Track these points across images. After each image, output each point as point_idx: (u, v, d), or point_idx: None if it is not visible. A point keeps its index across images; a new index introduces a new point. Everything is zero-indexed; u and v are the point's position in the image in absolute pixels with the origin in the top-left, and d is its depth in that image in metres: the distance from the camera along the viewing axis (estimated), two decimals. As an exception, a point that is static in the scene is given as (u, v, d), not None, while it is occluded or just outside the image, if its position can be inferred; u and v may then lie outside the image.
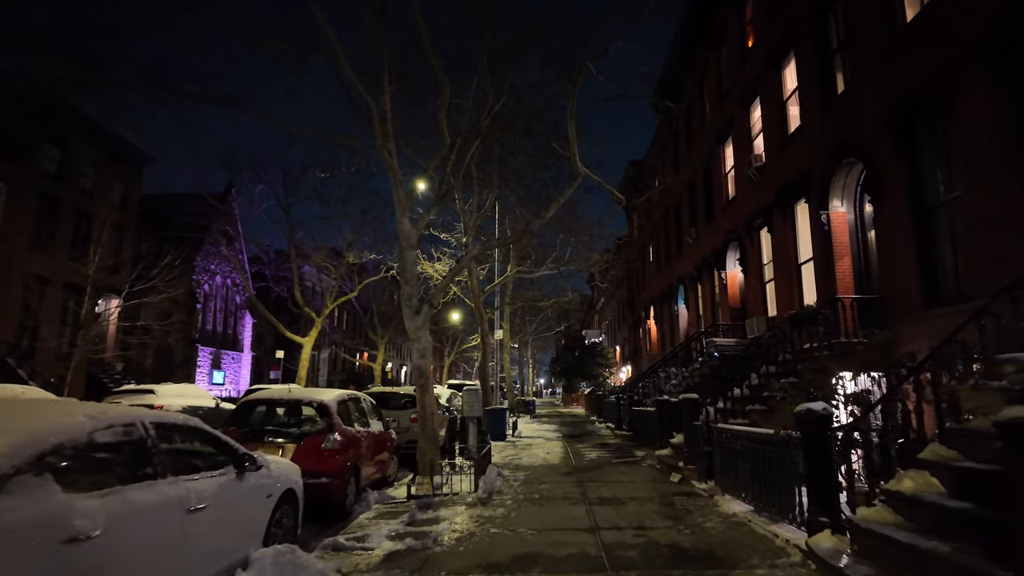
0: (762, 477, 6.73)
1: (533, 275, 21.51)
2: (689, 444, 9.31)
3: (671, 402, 11.75)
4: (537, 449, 14.11)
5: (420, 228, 10.60)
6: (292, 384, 26.11)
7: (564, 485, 9.05)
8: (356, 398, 8.84)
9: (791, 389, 9.04)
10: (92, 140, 25.97)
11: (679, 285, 24.16)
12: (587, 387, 38.61)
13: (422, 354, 9.81)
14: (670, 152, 25.94)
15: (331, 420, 7.47)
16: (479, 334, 20.21)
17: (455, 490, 8.48)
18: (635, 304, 35.98)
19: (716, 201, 19.39)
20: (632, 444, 14.65)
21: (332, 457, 7.28)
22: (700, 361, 17.21)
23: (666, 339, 27.06)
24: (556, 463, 11.67)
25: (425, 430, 9.51)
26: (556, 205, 9.65)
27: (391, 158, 10.29)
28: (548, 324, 51.77)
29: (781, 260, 14.19)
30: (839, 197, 11.76)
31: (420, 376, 9.77)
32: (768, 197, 14.68)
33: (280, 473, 5.54)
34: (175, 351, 33.50)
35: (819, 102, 12.28)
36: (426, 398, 9.64)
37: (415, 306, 9.93)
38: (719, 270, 18.70)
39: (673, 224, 25.19)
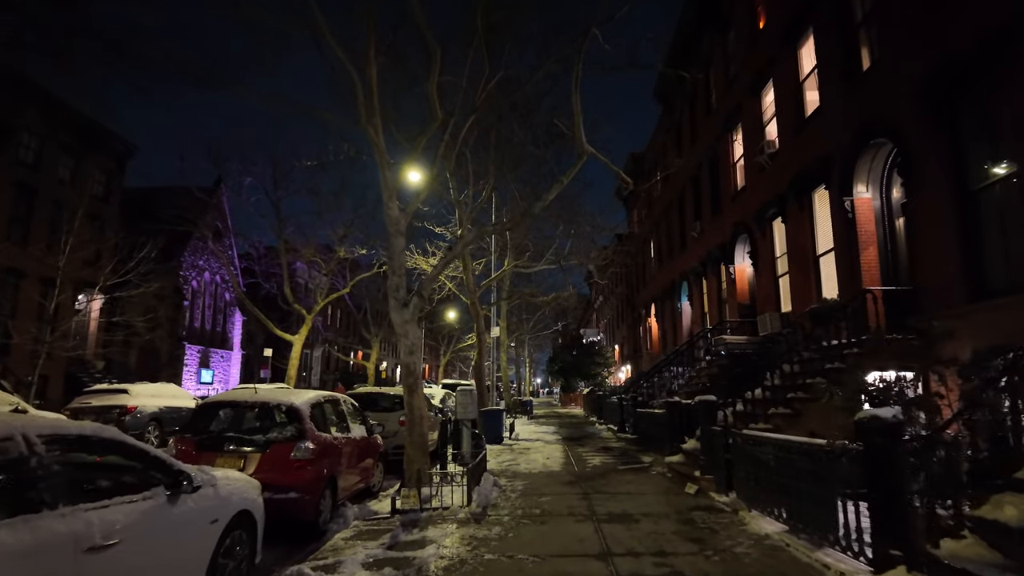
0: (799, 492, 5.81)
1: (531, 270, 20.56)
2: (706, 451, 8.39)
3: (682, 404, 10.84)
4: (536, 454, 13.18)
5: (409, 213, 9.66)
6: (280, 383, 25.17)
7: (567, 497, 8.12)
8: (334, 400, 7.89)
9: (826, 390, 8.11)
10: (71, 129, 24.93)
11: (682, 281, 23.27)
12: (585, 387, 37.70)
13: (410, 351, 8.87)
14: (672, 144, 25.04)
15: (302, 426, 6.52)
16: (475, 332, 19.26)
17: (446, 503, 7.55)
18: (635, 302, 35.09)
19: (723, 193, 18.49)
20: (637, 449, 13.73)
21: (303, 468, 6.33)
22: (707, 360, 16.30)
23: (668, 338, 26.17)
24: (557, 470, 10.74)
25: (413, 435, 8.57)
26: (559, 187, 8.73)
27: (377, 135, 9.36)
28: (545, 323, 50.87)
29: (796, 252, 13.29)
30: (864, 182, 10.86)
31: (408, 375, 8.83)
32: (782, 185, 13.78)
33: (231, 492, 4.59)
34: (161, 349, 32.46)
35: (841, 81, 11.38)
36: (414, 399, 8.70)
37: (403, 298, 8.99)
38: (726, 265, 17.80)
39: (676, 218, 24.29)
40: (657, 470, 10.39)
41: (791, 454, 5.94)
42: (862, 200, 10.89)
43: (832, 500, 5.40)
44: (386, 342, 70.14)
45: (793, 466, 5.91)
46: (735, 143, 17.83)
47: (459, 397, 11.80)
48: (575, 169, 8.80)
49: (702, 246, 20.27)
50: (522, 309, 39.88)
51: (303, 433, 6.49)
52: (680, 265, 23.44)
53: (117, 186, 27.87)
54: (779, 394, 9.46)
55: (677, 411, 10.69)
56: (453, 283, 22.73)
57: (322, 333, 51.48)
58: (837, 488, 5.30)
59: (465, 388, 12.02)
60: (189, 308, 35.63)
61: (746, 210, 16.18)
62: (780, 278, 14.62)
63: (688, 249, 22.36)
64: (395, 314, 8.94)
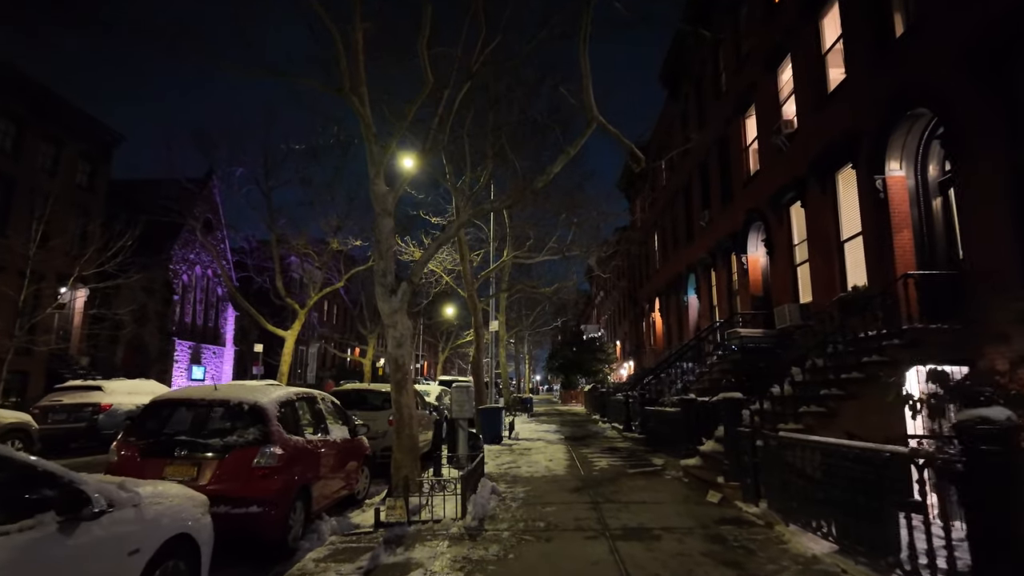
0: (854, 506, 4.89)
1: (532, 261, 19.60)
2: (731, 455, 7.47)
3: (698, 402, 9.92)
4: (537, 455, 12.26)
5: (398, 190, 8.71)
6: (270, 380, 24.24)
7: (575, 508, 7.19)
8: (311, 398, 6.94)
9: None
10: (54, 116, 23.92)
11: (689, 274, 22.32)
12: (587, 384, 36.82)
13: (399, 343, 7.94)
14: (678, 131, 24.06)
15: (268, 428, 5.58)
16: (472, 325, 18.33)
17: (437, 515, 6.61)
18: (637, 297, 34.16)
19: (734, 179, 17.55)
20: (646, 450, 12.81)
21: (267, 478, 5.40)
22: (719, 355, 15.38)
23: (673, 333, 25.25)
24: (561, 474, 9.81)
25: (401, 437, 7.63)
26: (565, 159, 7.81)
27: (363, 106, 8.42)
28: (545, 319, 49.93)
29: (818, 238, 12.35)
30: (897, 158, 9.92)
31: (396, 370, 7.89)
32: (801, 167, 12.85)
33: (161, 512, 3.66)
34: (149, 345, 31.50)
35: (871, 49, 10.43)
36: (403, 397, 7.76)
37: (391, 284, 8.05)
38: (738, 254, 16.86)
39: (681, 208, 23.34)
40: (671, 474, 9.46)
41: (844, 461, 5.01)
42: (895, 179, 9.94)
43: (894, 516, 4.51)
44: (383, 338, 69.43)
45: (846, 475, 4.98)
46: (747, 126, 16.88)
47: (455, 394, 10.87)
48: (582, 139, 7.86)
49: (711, 236, 19.33)
50: (521, 305, 38.97)
51: (268, 436, 5.55)
52: (687, 257, 22.50)
53: (102, 176, 26.87)
54: (808, 391, 8.53)
55: (693, 410, 9.77)
56: (451, 276, 21.82)
57: (317, 329, 50.56)
58: (905, 502, 4.40)
59: (461, 384, 11.09)
60: (179, 303, 34.65)
61: (760, 196, 15.24)
62: (798, 267, 13.68)
63: (695, 240, 21.42)
64: (382, 302, 8.01)
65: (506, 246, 18.76)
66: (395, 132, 8.39)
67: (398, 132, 8.37)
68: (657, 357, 27.52)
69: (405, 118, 8.36)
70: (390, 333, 7.96)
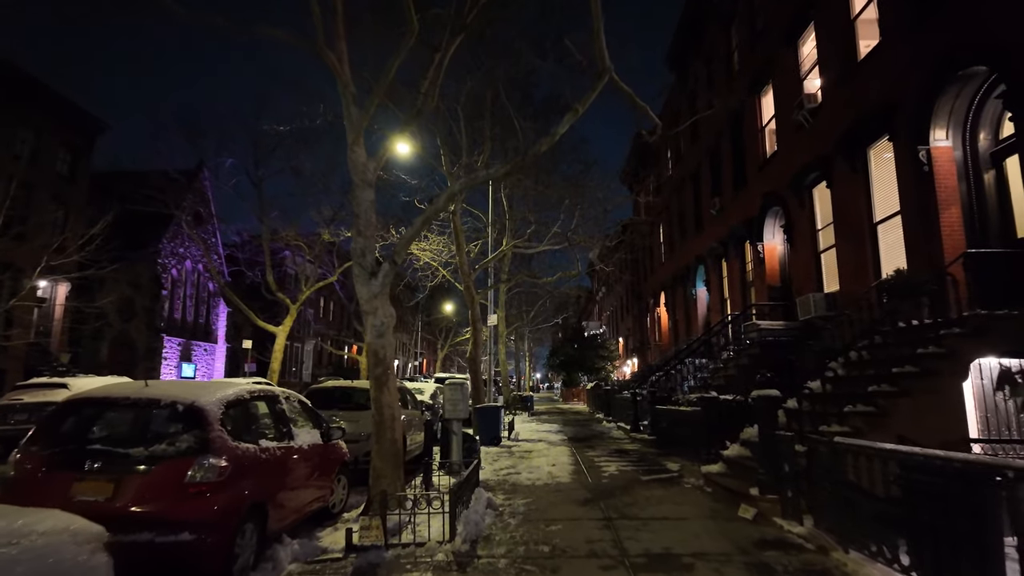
0: (939, 532, 3.82)
1: (532, 251, 18.49)
2: (767, 462, 6.38)
3: (720, 401, 8.84)
4: (539, 458, 11.19)
5: (381, 159, 7.62)
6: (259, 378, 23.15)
7: (584, 525, 6.11)
8: (270, 397, 5.84)
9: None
10: (31, 101, 22.81)
11: (698, 265, 21.23)
12: (588, 381, 35.76)
13: (379, 332, 6.86)
14: (687, 115, 22.92)
15: (207, 433, 4.50)
16: (469, 319, 17.25)
17: (421, 537, 5.54)
18: (641, 291, 33.08)
19: (748, 162, 16.45)
20: (658, 452, 11.73)
21: (205, 495, 4.32)
22: (734, 349, 14.31)
23: (680, 328, 24.17)
24: (566, 481, 8.74)
25: (382, 442, 6.56)
26: (572, 117, 6.71)
27: (341, 65, 7.34)
28: (545, 315, 48.91)
29: (846, 221, 11.27)
30: (944, 127, 8.83)
31: (377, 363, 6.81)
32: (826, 144, 11.76)
33: (11, 561, 2.58)
34: (137, 341, 30.42)
35: (913, 7, 9.33)
36: (384, 395, 6.68)
37: (370, 265, 6.98)
38: (753, 243, 15.76)
39: (690, 196, 22.24)
40: (691, 482, 8.38)
41: (932, 476, 3.92)
42: (941, 149, 8.85)
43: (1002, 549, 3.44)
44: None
45: (932, 492, 3.91)
46: (763, 105, 15.79)
47: (447, 393, 9.79)
48: (593, 94, 6.77)
49: (722, 224, 18.24)
50: (522, 301, 37.90)
51: (208, 443, 4.47)
52: (695, 247, 21.41)
53: (84, 165, 25.75)
54: (851, 387, 7.45)
55: (715, 409, 8.69)
56: (448, 270, 20.74)
57: (313, 326, 49.51)
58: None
59: (455, 381, 10.01)
60: (169, 298, 33.55)
61: (779, 178, 14.15)
62: (822, 253, 12.60)
63: (705, 229, 20.33)
64: (361, 286, 6.93)
65: (505, 235, 17.65)
66: (375, 90, 7.29)
67: (379, 90, 7.28)
68: (663, 353, 26.46)
69: (387, 74, 7.26)
70: (369, 321, 6.88)
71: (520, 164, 7.23)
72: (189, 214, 34.48)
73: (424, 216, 7.27)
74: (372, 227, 7.24)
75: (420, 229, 7.34)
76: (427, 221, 7.35)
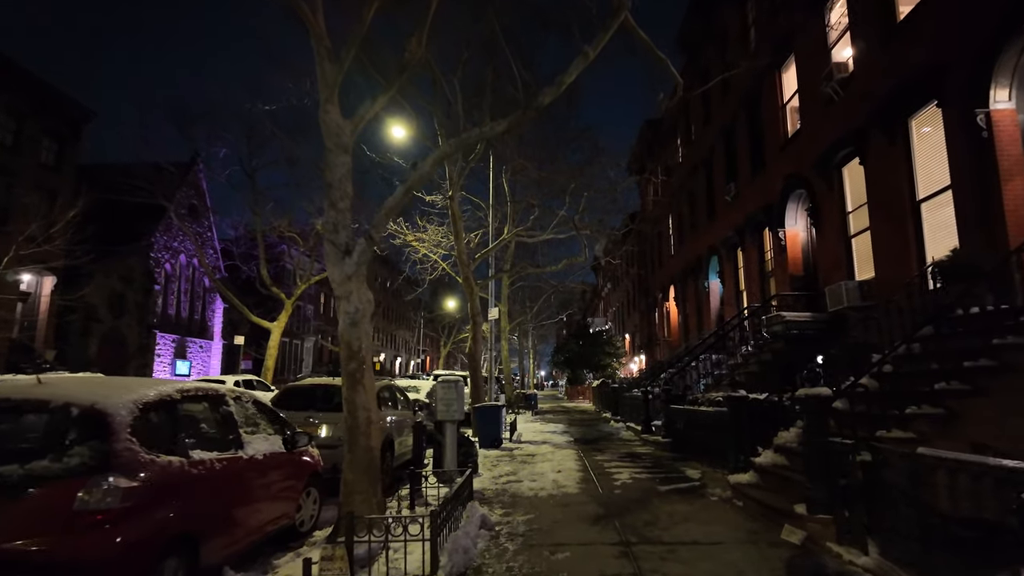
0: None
1: (536, 239, 17.38)
2: (819, 475, 5.29)
3: (750, 401, 7.75)
4: (543, 463, 10.13)
5: (359, 122, 6.56)
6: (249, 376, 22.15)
7: (598, 553, 5.04)
8: (213, 397, 4.76)
9: None
10: (13, 88, 21.84)
11: (711, 257, 20.11)
12: (594, 379, 34.71)
13: (353, 320, 5.81)
14: (698, 100, 21.78)
15: (110, 444, 3.46)
16: (469, 313, 16.18)
17: (396, 569, 4.48)
18: (649, 286, 31.96)
19: (767, 143, 15.33)
20: (674, 457, 10.66)
21: (103, 527, 3.28)
22: (756, 344, 13.23)
23: (691, 323, 23.06)
24: (574, 492, 7.68)
25: (355, 450, 5.52)
26: (583, 62, 5.63)
27: (314, 15, 6.29)
28: (549, 312, 47.82)
29: (884, 200, 10.15)
30: (1006, 86, 7.71)
31: (350, 358, 5.76)
32: (859, 116, 10.65)
33: None
34: (128, 338, 29.47)
35: (966, -48, 8.22)
36: (358, 395, 5.64)
37: (344, 243, 5.94)
38: (773, 230, 14.65)
39: (702, 184, 21.11)
40: (717, 493, 7.31)
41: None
42: (1003, 113, 7.74)
43: None
44: (384, 332, 67.11)
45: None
46: (784, 80, 14.67)
47: (440, 391, 8.74)
48: (606, 36, 5.68)
49: (738, 212, 17.12)
50: (525, 296, 36.78)
51: (109, 458, 3.43)
52: (708, 238, 20.28)
53: (70, 155, 24.76)
54: (908, 385, 6.36)
55: (743, 410, 7.61)
56: (448, 263, 19.69)
57: (313, 322, 48.55)
58: None
59: (448, 379, 8.95)
60: (162, 293, 32.59)
61: (802, 158, 13.04)
62: (853, 238, 11.49)
63: (718, 218, 19.21)
64: (333, 266, 5.89)
65: (507, 223, 16.56)
66: (351, 40, 6.23)
67: (354, 40, 6.22)
68: (672, 350, 25.37)
69: (365, 20, 6.20)
70: (342, 307, 5.83)
71: (521, 120, 6.15)
72: (183, 207, 33.55)
73: (408, 184, 6.21)
74: (348, 199, 6.18)
75: (403, 198, 6.28)
76: (411, 189, 6.29)
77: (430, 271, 22.59)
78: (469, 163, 15.27)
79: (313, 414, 8.27)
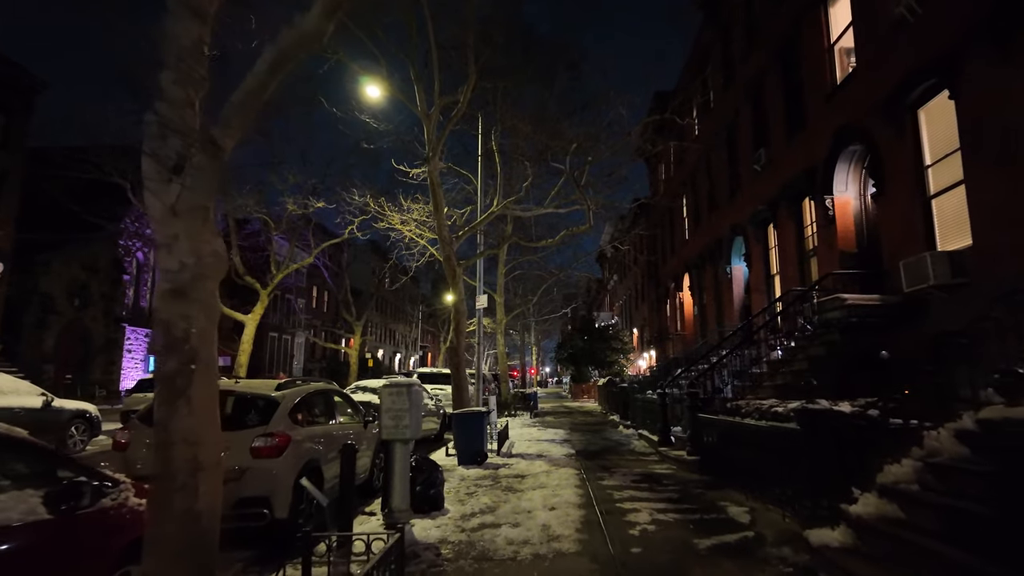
0: None
1: (531, 213, 14.79)
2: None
3: (835, 415, 5.20)
4: (533, 493, 7.64)
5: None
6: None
7: None
8: None
9: None
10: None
11: (734, 238, 17.55)
12: (600, 376, 32.21)
13: (178, 287, 3.30)
14: (719, 59, 19.18)
15: None
16: (451, 295, 13.65)
17: None
18: (660, 275, 29.38)
19: (808, 96, 12.76)
20: (706, 483, 8.14)
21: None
22: (804, 336, 10.69)
23: (708, 314, 20.52)
24: (570, 549, 5.19)
25: (164, 520, 3.02)
26: None
27: None
28: (552, 306, 45.26)
29: (993, 140, 7.59)
30: None
31: (169, 352, 3.25)
32: (951, 34, 8.09)
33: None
34: (92, 332, 27.13)
35: None
36: (178, 420, 3.14)
37: (172, 156, 3.41)
38: (817, 198, 12.07)
39: (723, 155, 18.53)
40: (787, 557, 4.80)
41: None
42: None
43: None
44: (382, 327, 64.64)
45: None
46: (831, 16, 12.08)
47: (384, 400, 6.23)
48: None
49: (770, 182, 14.56)
50: (526, 288, 34.14)
51: None
52: (731, 216, 17.72)
53: (19, 129, 22.37)
54: None
55: (830, 429, 5.06)
56: (424, 240, 17.21)
57: (302, 317, 46.12)
58: None
59: (398, 384, 6.42)
60: (134, 284, 30.23)
61: (859, 105, 10.47)
62: (935, 198, 8.93)
63: (744, 193, 16.64)
64: (152, 194, 3.39)
65: (497, 195, 14.00)
66: None
67: None
68: (686, 345, 22.84)
69: None
70: (162, 262, 3.35)
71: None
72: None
73: (279, 50, 3.71)
74: (193, 85, 3.66)
75: (270, 76, 3.78)
76: (285, 58, 3.76)
77: (417, 258, 20.18)
78: (450, 121, 12.75)
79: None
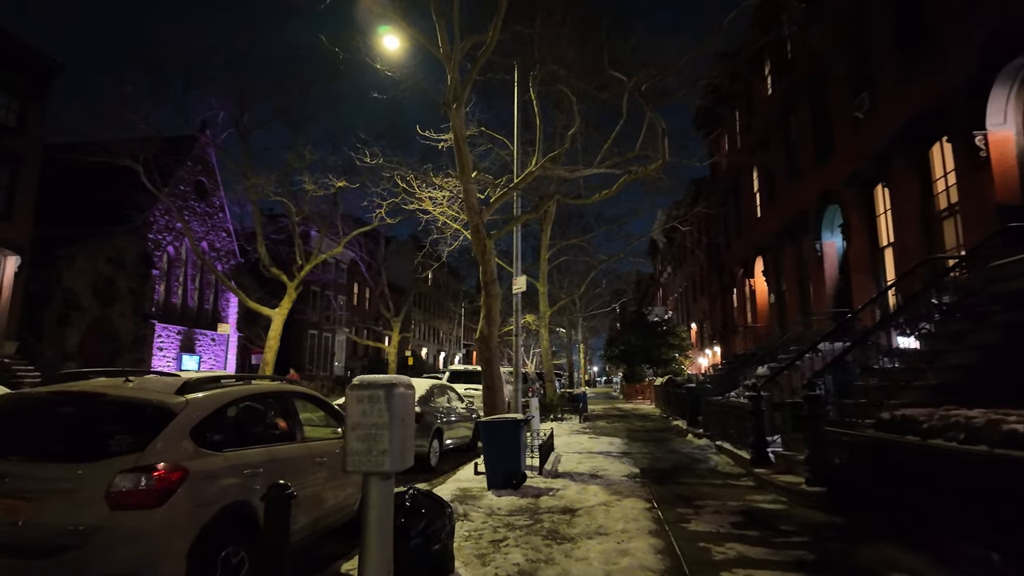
0: None
1: (577, 175, 12.15)
2: None
3: None
4: (589, 546, 5.16)
5: None
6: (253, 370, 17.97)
7: None
8: None
9: None
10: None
11: (824, 208, 14.55)
12: (656, 375, 29.34)
13: None
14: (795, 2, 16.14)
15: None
16: (480, 282, 11.28)
17: None
18: (723, 262, 26.29)
19: (935, 14, 9.80)
20: (841, 527, 5.51)
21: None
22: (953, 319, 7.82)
23: (789, 301, 17.51)
24: None
25: None
26: None
27: None
28: (600, 302, 42.40)
29: None
30: None
31: None
32: None
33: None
34: (120, 329, 26.02)
35: None
36: None
37: None
38: (960, 137, 9.13)
39: (806, 112, 15.54)
40: None
41: None
42: None
43: None
44: (421, 324, 62.95)
45: None
46: None
47: (352, 409, 3.87)
48: None
49: (876, 130, 11.61)
50: (571, 280, 31.46)
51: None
52: (819, 182, 14.71)
53: (36, 114, 21.22)
54: None
55: None
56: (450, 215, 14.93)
57: (342, 314, 44.68)
58: None
59: (370, 384, 4.05)
60: (164, 279, 29.17)
61: None
62: None
63: (839, 150, 13.66)
64: None
65: (535, 153, 11.51)
66: None
67: None
68: (758, 339, 19.82)
69: None
70: None
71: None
72: (188, 184, 30.10)
73: None
74: None
75: None
76: None
77: (450, 242, 17.98)
78: (476, 63, 10.38)
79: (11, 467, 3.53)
